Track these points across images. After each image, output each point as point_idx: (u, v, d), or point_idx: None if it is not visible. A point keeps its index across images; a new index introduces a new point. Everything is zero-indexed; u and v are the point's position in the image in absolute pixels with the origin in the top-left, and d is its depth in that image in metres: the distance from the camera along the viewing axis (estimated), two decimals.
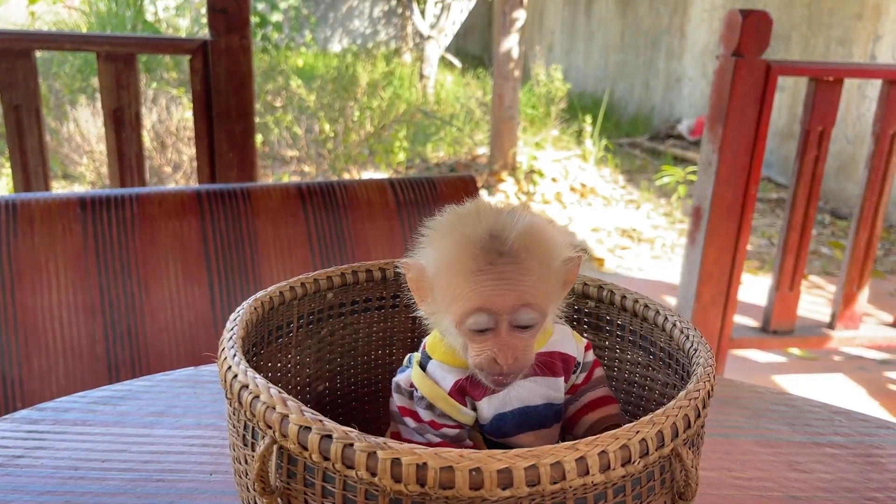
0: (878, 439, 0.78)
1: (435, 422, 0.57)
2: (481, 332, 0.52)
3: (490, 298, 0.51)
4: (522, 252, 0.51)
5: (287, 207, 1.21)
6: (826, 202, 4.77)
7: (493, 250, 0.51)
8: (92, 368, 1.10)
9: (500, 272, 0.51)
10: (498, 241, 0.51)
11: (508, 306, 0.51)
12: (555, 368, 0.58)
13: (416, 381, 0.58)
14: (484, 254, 0.51)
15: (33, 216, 1.10)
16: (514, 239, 0.51)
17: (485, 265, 0.51)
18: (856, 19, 4.63)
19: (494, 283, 0.51)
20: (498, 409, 0.56)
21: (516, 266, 0.51)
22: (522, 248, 0.51)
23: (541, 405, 0.57)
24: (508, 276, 0.51)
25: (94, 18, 6.48)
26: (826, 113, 2.06)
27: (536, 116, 6.49)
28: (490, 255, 0.51)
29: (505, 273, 0.51)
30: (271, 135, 5.31)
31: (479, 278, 0.51)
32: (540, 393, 0.57)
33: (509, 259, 0.51)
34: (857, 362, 2.79)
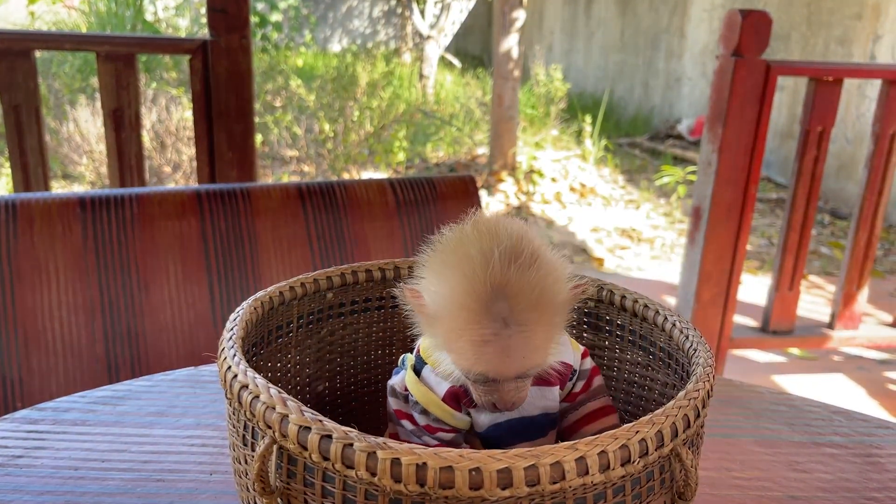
0: (878, 439, 0.78)
1: (430, 426, 0.57)
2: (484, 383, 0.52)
3: (495, 367, 0.50)
4: (528, 321, 0.49)
5: (287, 207, 1.21)
6: (826, 202, 4.77)
7: (497, 316, 0.49)
8: (92, 368, 1.10)
9: (505, 346, 0.50)
10: (502, 305, 0.49)
11: (512, 374, 0.51)
12: (550, 379, 0.58)
13: (410, 386, 0.58)
14: (487, 321, 0.49)
15: (33, 216, 1.10)
16: (521, 307, 0.49)
17: (489, 336, 0.49)
18: (855, 19, 4.63)
19: (498, 355, 0.50)
20: (495, 419, 0.56)
21: (522, 335, 0.50)
22: (529, 317, 0.49)
23: (537, 415, 0.57)
24: (513, 348, 0.50)
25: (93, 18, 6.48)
26: (826, 113, 2.06)
27: (536, 116, 6.50)
28: (494, 323, 0.49)
29: (510, 345, 0.50)
30: (271, 135, 5.31)
31: (483, 348, 0.50)
32: (536, 404, 0.57)
33: (515, 329, 0.49)
34: (857, 362, 2.79)
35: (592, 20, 7.89)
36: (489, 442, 0.57)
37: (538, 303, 0.50)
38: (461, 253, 0.51)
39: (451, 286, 0.51)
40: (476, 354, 0.50)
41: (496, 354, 0.50)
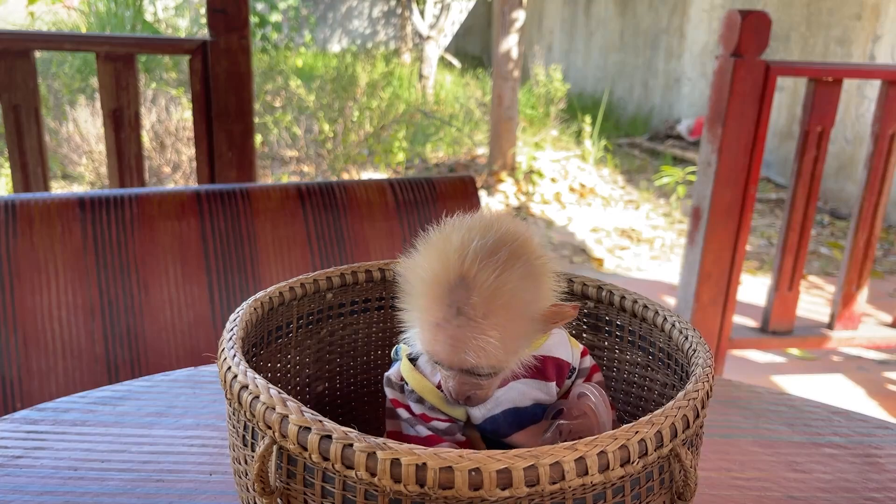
0: (877, 439, 0.78)
1: (426, 415, 0.57)
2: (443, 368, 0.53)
3: (439, 355, 0.51)
4: (483, 315, 0.49)
5: (286, 208, 1.21)
6: (825, 202, 4.77)
7: (453, 304, 0.49)
8: (91, 368, 1.10)
9: (453, 334, 0.50)
10: (462, 294, 0.49)
11: (455, 367, 0.51)
12: (546, 373, 0.58)
13: (405, 374, 0.58)
14: (444, 306, 0.50)
15: (32, 216, 1.10)
16: (478, 300, 0.49)
17: (442, 320, 0.50)
18: (855, 19, 4.63)
19: (445, 342, 0.50)
20: (490, 412, 0.56)
21: (472, 329, 0.49)
22: (484, 311, 0.49)
23: (529, 406, 0.57)
24: (461, 339, 0.49)
25: (93, 18, 6.48)
26: (825, 113, 2.06)
27: (536, 117, 6.50)
28: (449, 310, 0.49)
29: (458, 335, 0.49)
30: (270, 135, 5.32)
31: (434, 332, 0.50)
32: (530, 395, 0.57)
33: (465, 321, 0.49)
34: (857, 362, 2.80)
35: (592, 20, 7.89)
36: (486, 434, 0.57)
37: (501, 303, 0.49)
38: (444, 239, 0.52)
39: (424, 268, 0.51)
40: (429, 336, 0.51)
41: (443, 342, 0.50)
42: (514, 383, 0.56)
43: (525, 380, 0.56)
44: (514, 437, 0.57)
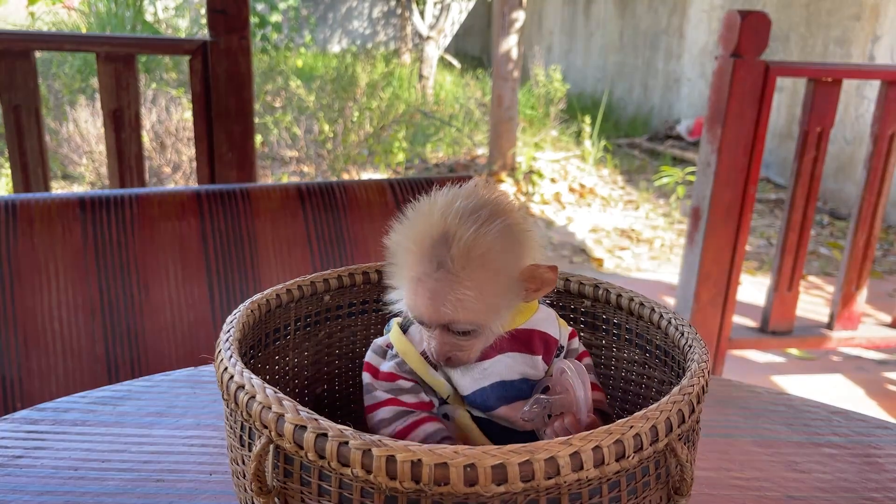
0: (877, 439, 0.78)
1: (394, 373, 0.58)
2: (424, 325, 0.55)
3: (419, 310, 0.53)
4: (461, 267, 0.51)
5: (286, 208, 1.21)
6: (825, 203, 4.77)
7: (434, 258, 0.51)
8: (91, 368, 1.10)
9: (433, 287, 0.52)
10: (442, 249, 0.51)
11: (434, 321, 0.53)
12: (532, 346, 0.59)
13: (393, 338, 0.59)
14: (425, 261, 0.52)
15: (33, 217, 1.10)
16: (456, 253, 0.51)
17: (422, 274, 0.52)
18: (854, 20, 4.63)
19: (425, 295, 0.52)
20: (479, 383, 0.57)
21: (450, 282, 0.51)
22: (462, 264, 0.51)
23: (517, 380, 0.58)
24: (440, 292, 0.51)
25: (93, 19, 6.48)
26: (825, 113, 2.06)
27: (535, 117, 6.50)
28: (430, 265, 0.52)
29: (437, 288, 0.51)
30: (271, 135, 5.32)
31: (415, 287, 0.52)
32: (517, 369, 0.58)
33: (444, 274, 0.51)
34: (856, 362, 2.80)
35: (592, 21, 7.89)
36: (477, 407, 0.57)
37: (478, 256, 0.51)
38: (430, 202, 0.55)
39: (410, 228, 0.54)
40: (410, 292, 0.53)
41: (424, 295, 0.52)
42: (500, 356, 0.57)
43: (511, 353, 0.57)
44: (500, 411, 0.57)
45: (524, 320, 0.59)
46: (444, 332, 0.54)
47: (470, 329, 0.53)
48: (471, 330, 0.53)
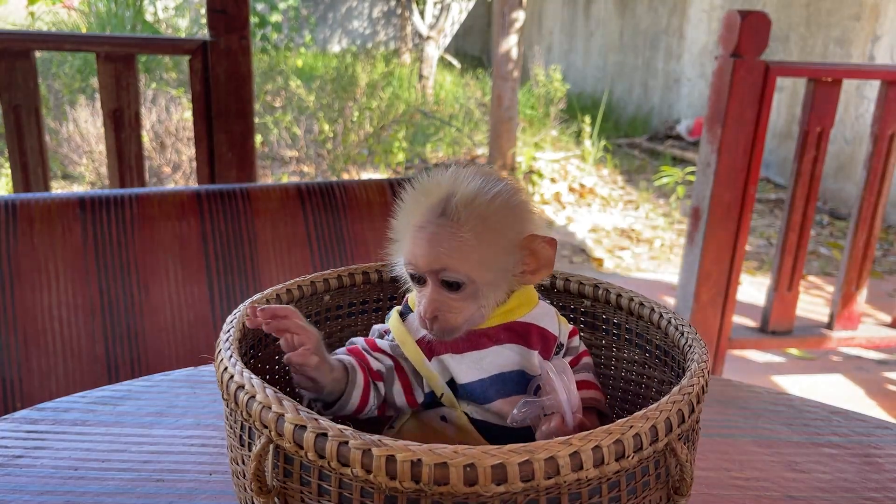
0: (876, 439, 0.78)
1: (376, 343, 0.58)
2: (417, 284, 0.56)
3: (415, 255, 0.54)
4: (463, 216, 0.53)
5: (286, 208, 1.21)
6: (825, 202, 4.77)
7: (436, 209, 0.54)
8: (91, 368, 1.10)
9: (433, 232, 0.54)
10: (446, 201, 0.54)
11: (427, 265, 0.54)
12: (529, 340, 0.59)
13: (392, 325, 0.60)
14: (428, 211, 0.54)
15: (33, 216, 1.10)
16: (459, 202, 0.54)
17: (424, 222, 0.54)
18: (854, 20, 4.63)
19: (424, 240, 0.54)
20: (478, 375, 0.57)
21: (450, 229, 0.53)
22: (464, 213, 0.53)
23: (514, 372, 0.58)
24: (438, 237, 0.53)
25: (93, 19, 6.48)
26: (824, 113, 2.06)
27: (535, 117, 6.50)
28: (432, 214, 0.54)
29: (437, 234, 0.53)
30: (270, 135, 5.32)
31: (415, 234, 0.54)
32: (514, 360, 0.58)
33: (445, 221, 0.53)
34: (856, 362, 2.80)
35: (591, 21, 7.89)
36: (475, 399, 0.57)
37: (481, 211, 0.54)
38: (440, 172, 0.57)
39: (420, 186, 0.56)
40: (410, 242, 0.55)
41: (422, 241, 0.54)
42: (497, 347, 0.58)
43: (508, 345, 0.58)
44: (496, 404, 0.57)
45: (523, 313, 0.59)
46: (435, 287, 0.54)
47: (462, 282, 0.54)
48: (462, 284, 0.54)
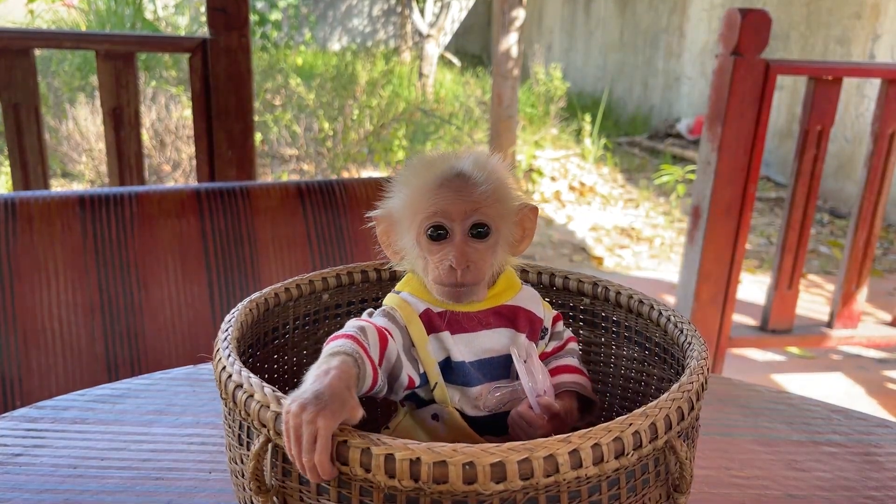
0: (877, 438, 0.78)
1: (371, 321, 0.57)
2: (439, 240, 0.57)
3: (444, 206, 0.57)
4: (477, 174, 0.58)
5: (286, 206, 1.21)
6: (825, 201, 4.77)
7: (451, 171, 0.58)
8: (91, 367, 1.10)
9: (456, 186, 0.57)
10: (457, 166, 0.58)
11: (461, 212, 0.57)
12: (517, 323, 0.60)
13: (397, 304, 0.59)
14: (443, 174, 0.58)
15: (32, 215, 1.10)
16: (471, 163, 0.58)
17: (443, 181, 0.57)
18: (855, 18, 4.63)
19: (451, 192, 0.57)
20: (476, 356, 0.58)
21: (470, 183, 0.57)
22: (477, 172, 0.58)
23: (503, 356, 0.59)
24: (462, 189, 0.57)
25: (93, 17, 6.47)
26: (825, 112, 2.06)
27: (535, 115, 6.49)
28: (449, 174, 0.58)
29: (460, 187, 0.57)
30: (270, 133, 5.31)
31: (437, 191, 0.57)
32: (503, 343, 0.59)
33: (464, 178, 0.57)
34: (856, 361, 2.79)
35: (592, 19, 7.89)
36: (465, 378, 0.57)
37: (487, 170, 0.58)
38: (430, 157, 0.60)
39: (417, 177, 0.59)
40: (432, 196, 0.57)
41: (450, 192, 0.57)
42: (486, 332, 0.59)
43: (498, 329, 0.59)
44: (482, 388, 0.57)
45: (510, 297, 0.61)
46: (463, 237, 0.57)
47: (490, 229, 0.57)
48: (489, 231, 0.57)
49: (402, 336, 0.57)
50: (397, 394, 0.57)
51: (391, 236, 0.61)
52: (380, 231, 0.62)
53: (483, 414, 0.57)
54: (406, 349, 0.57)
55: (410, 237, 0.58)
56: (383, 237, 0.62)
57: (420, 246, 0.58)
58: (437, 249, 0.57)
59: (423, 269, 0.59)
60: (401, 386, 0.56)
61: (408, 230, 0.59)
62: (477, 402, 0.57)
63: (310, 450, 0.41)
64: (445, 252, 0.57)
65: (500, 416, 0.57)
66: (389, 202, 0.61)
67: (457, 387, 0.57)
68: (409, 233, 0.59)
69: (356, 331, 0.52)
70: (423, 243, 0.58)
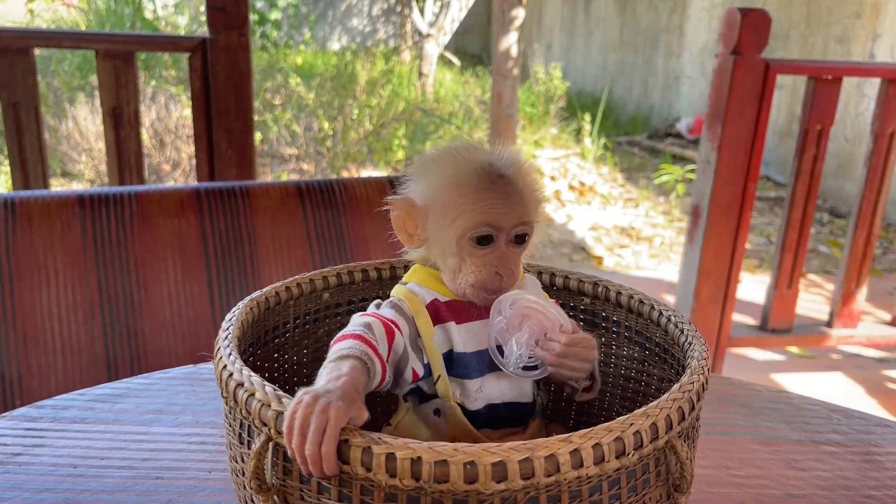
0: (877, 437, 0.78)
1: (378, 314, 0.56)
2: (482, 246, 0.57)
3: (495, 215, 0.56)
4: (518, 176, 0.58)
5: (286, 206, 1.21)
6: (825, 201, 4.77)
7: (493, 173, 0.57)
8: (91, 366, 1.10)
9: (503, 191, 0.57)
10: (496, 166, 0.57)
11: (511, 223, 0.57)
12: None
13: (405, 296, 0.59)
14: (486, 175, 0.57)
15: (32, 214, 1.10)
16: (510, 165, 0.58)
17: (488, 184, 0.56)
18: (854, 18, 4.63)
19: (499, 200, 0.56)
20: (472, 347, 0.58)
21: (514, 187, 0.57)
22: (517, 174, 0.58)
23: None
24: (509, 195, 0.57)
25: (92, 16, 6.47)
26: (825, 111, 2.06)
27: (535, 115, 6.49)
28: (491, 177, 0.57)
29: (506, 192, 0.57)
30: (270, 133, 5.31)
31: (484, 196, 0.56)
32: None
33: (508, 181, 0.57)
34: (856, 361, 2.80)
35: (592, 19, 7.89)
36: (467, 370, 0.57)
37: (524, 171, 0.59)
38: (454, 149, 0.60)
39: (448, 169, 0.58)
40: (477, 203, 0.56)
41: (497, 199, 0.56)
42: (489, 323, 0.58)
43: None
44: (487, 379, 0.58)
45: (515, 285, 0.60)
46: (507, 243, 0.57)
47: (530, 235, 0.58)
48: (529, 237, 0.58)
49: (409, 327, 0.57)
50: (402, 388, 0.57)
51: (410, 222, 0.60)
52: (395, 215, 0.60)
53: (479, 407, 0.57)
54: (412, 340, 0.57)
55: (449, 235, 0.58)
56: (398, 221, 0.61)
57: (461, 248, 0.57)
58: (481, 254, 0.57)
59: (455, 267, 0.58)
60: (405, 381, 0.56)
61: (445, 228, 0.58)
62: (478, 395, 0.57)
63: (317, 441, 0.41)
64: (490, 258, 0.57)
65: (496, 410, 0.58)
66: (412, 188, 0.60)
67: (457, 380, 0.57)
68: (445, 230, 0.58)
69: (363, 329, 0.52)
70: (465, 246, 0.57)
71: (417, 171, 0.61)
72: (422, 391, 0.58)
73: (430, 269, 0.61)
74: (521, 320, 0.56)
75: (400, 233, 0.61)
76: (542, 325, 0.55)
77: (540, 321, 0.55)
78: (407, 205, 0.60)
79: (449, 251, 0.58)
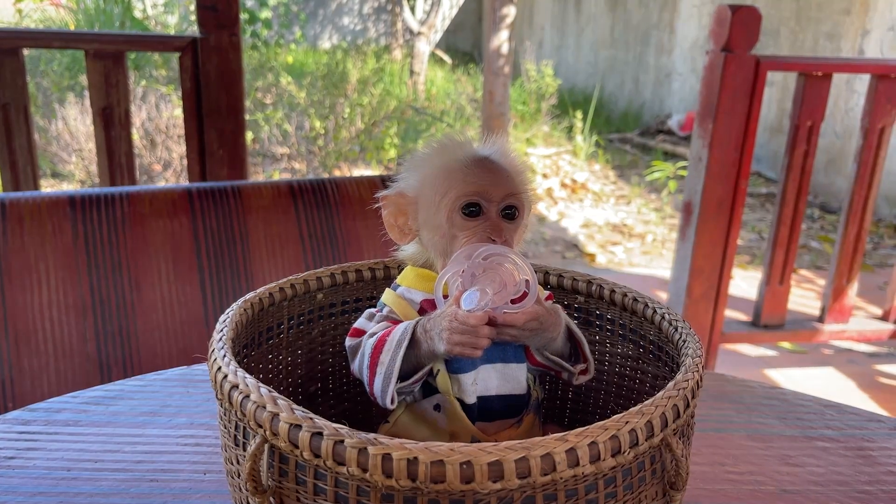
0: (869, 432, 0.78)
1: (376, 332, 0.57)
2: (473, 218, 0.58)
3: (482, 185, 0.58)
4: (504, 158, 0.61)
5: (278, 205, 1.21)
6: (815, 196, 4.79)
7: (475, 153, 0.60)
8: (83, 368, 1.10)
9: (490, 167, 0.59)
10: (482, 151, 0.61)
11: (498, 192, 0.58)
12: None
13: (385, 298, 0.61)
14: (469, 155, 0.60)
15: (22, 215, 1.09)
16: (496, 149, 0.61)
17: (473, 161, 0.59)
18: (844, 14, 4.65)
19: (487, 173, 0.59)
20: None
21: (504, 167, 0.60)
22: (504, 155, 0.61)
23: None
24: (497, 170, 0.59)
25: (81, 16, 6.44)
26: (815, 107, 2.07)
27: (527, 112, 6.50)
28: (477, 158, 0.60)
29: (494, 167, 0.59)
30: (261, 132, 5.30)
31: (472, 170, 0.59)
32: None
33: (493, 161, 0.60)
34: (847, 356, 2.81)
35: (583, 16, 7.90)
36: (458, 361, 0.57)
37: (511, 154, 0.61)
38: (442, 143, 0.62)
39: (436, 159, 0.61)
40: (465, 178, 0.58)
41: (485, 172, 0.59)
42: None
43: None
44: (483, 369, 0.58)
45: None
46: (497, 217, 0.58)
47: (520, 211, 0.60)
48: (519, 214, 0.60)
49: None
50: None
51: (402, 217, 0.62)
52: (387, 212, 0.62)
53: (473, 401, 0.57)
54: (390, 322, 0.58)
55: (440, 214, 0.58)
56: (390, 218, 0.62)
57: (452, 223, 0.58)
58: (472, 225, 0.58)
59: (447, 249, 0.59)
60: None
61: (435, 208, 0.59)
62: (473, 388, 0.57)
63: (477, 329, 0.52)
64: (481, 227, 0.58)
65: (489, 403, 0.58)
66: (403, 183, 0.62)
67: (453, 376, 0.58)
68: (436, 210, 0.59)
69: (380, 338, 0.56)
70: (455, 220, 0.58)
71: (407, 167, 0.63)
72: (425, 384, 0.58)
73: (420, 270, 0.61)
74: (483, 271, 0.53)
75: (391, 230, 0.62)
76: (502, 286, 0.53)
77: (503, 276, 0.53)
78: (398, 198, 0.61)
79: (440, 232, 0.59)
